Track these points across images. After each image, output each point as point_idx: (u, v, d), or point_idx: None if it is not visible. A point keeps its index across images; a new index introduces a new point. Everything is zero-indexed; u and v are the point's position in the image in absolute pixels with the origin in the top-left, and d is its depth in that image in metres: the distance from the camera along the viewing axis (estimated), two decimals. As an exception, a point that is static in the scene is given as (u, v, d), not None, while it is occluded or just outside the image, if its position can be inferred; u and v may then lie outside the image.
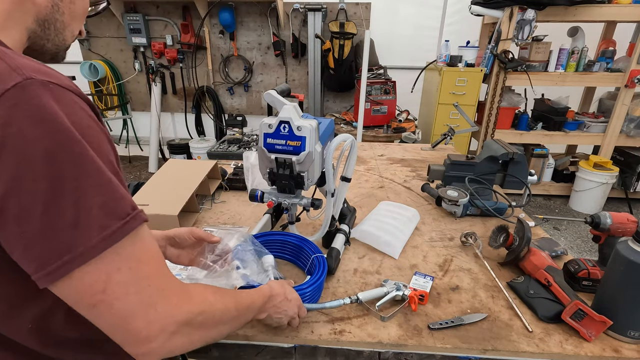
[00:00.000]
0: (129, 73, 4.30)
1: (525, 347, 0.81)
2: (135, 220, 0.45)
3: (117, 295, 0.44)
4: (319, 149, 0.90)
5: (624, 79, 3.19)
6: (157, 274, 0.48)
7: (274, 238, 1.07)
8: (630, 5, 3.02)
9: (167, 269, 0.51)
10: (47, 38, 0.54)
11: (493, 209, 1.33)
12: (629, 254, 0.78)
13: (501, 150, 1.37)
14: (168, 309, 0.47)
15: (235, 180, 1.60)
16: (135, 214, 0.46)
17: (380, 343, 0.83)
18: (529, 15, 3.00)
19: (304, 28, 3.89)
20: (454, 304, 0.94)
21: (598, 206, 3.46)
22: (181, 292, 0.51)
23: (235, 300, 0.62)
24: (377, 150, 2.23)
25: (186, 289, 0.52)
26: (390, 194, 1.58)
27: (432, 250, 1.18)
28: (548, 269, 0.96)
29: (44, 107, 0.39)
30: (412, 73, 3.72)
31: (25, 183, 0.39)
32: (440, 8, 3.85)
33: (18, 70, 0.40)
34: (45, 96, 0.40)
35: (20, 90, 0.39)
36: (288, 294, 0.77)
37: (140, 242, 0.47)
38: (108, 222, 0.42)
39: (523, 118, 3.50)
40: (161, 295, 0.47)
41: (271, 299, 0.73)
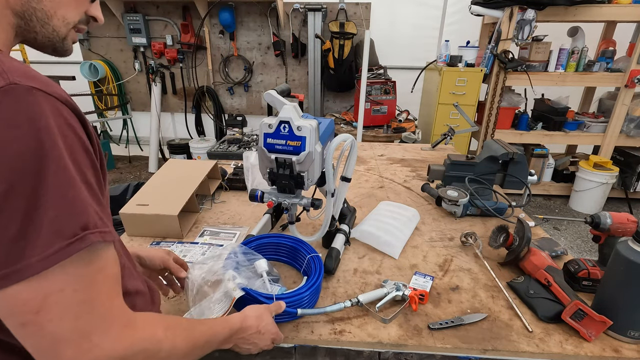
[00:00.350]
0: (129, 73, 4.30)
1: (525, 347, 0.81)
2: (83, 241, 0.41)
3: (50, 317, 0.40)
4: (319, 149, 0.90)
5: (624, 79, 3.19)
6: (104, 298, 0.45)
7: (267, 241, 1.07)
8: (630, 5, 3.02)
9: (119, 296, 0.47)
10: (34, 30, 0.51)
11: (493, 209, 1.33)
12: (629, 254, 0.78)
13: (501, 150, 1.37)
14: (104, 342, 0.43)
15: (235, 180, 1.60)
16: (84, 235, 0.41)
17: (380, 343, 0.83)
18: (529, 15, 3.00)
19: (304, 28, 3.89)
20: (454, 304, 0.94)
21: (598, 206, 3.46)
22: (125, 324, 0.46)
23: (191, 336, 0.57)
24: (377, 150, 2.23)
25: (132, 321, 0.47)
26: (390, 194, 1.58)
27: (432, 250, 1.18)
28: (548, 269, 0.96)
29: (20, 112, 0.39)
30: (412, 73, 3.72)
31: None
32: (440, 8, 3.85)
33: (4, 74, 0.40)
34: (25, 101, 0.40)
35: (2, 94, 0.39)
36: (263, 327, 0.72)
37: (96, 263, 0.44)
38: (53, 240, 0.39)
39: (523, 118, 3.50)
40: (101, 325, 0.43)
41: (240, 332, 0.69)
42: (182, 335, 0.55)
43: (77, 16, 0.55)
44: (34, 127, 0.39)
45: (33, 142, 0.39)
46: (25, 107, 0.39)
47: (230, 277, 0.85)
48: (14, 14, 0.49)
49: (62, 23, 0.53)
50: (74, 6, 0.54)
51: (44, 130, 0.40)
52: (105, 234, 0.45)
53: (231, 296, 0.81)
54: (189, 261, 1.09)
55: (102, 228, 0.44)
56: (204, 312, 0.81)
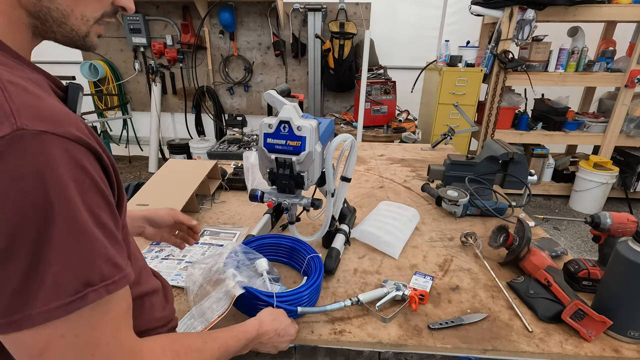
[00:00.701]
0: (129, 73, 4.30)
1: (525, 347, 0.81)
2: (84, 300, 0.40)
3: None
4: (319, 149, 0.90)
5: (624, 79, 3.19)
6: (109, 337, 0.44)
7: (267, 241, 1.07)
8: (630, 5, 3.02)
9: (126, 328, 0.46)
10: (51, 30, 0.47)
11: (493, 209, 1.33)
12: (629, 254, 0.78)
13: (501, 150, 1.37)
14: None
15: (235, 180, 1.60)
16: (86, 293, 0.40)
17: (380, 343, 0.83)
18: (529, 15, 3.00)
19: (304, 28, 3.89)
20: (454, 304, 0.94)
21: (598, 206, 3.46)
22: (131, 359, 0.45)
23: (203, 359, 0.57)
24: (377, 150, 2.23)
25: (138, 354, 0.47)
26: (390, 194, 1.58)
27: (432, 250, 1.18)
28: (548, 269, 0.96)
29: (26, 162, 0.36)
30: (412, 73, 3.72)
31: None
32: (440, 8, 3.85)
33: (12, 117, 0.36)
34: (32, 150, 0.37)
35: (8, 142, 0.36)
36: (282, 330, 0.73)
37: (101, 308, 0.42)
38: (54, 297, 0.38)
39: (523, 118, 3.50)
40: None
41: (257, 338, 0.69)
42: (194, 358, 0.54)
43: (99, 10, 0.50)
44: (40, 178, 0.37)
45: (38, 195, 0.37)
46: (32, 156, 0.36)
47: (231, 275, 0.85)
48: (27, 14, 0.45)
49: (81, 21, 0.48)
50: (93, 1, 0.49)
51: (51, 181, 0.37)
52: (115, 284, 0.43)
53: (231, 294, 0.81)
54: (188, 261, 1.10)
55: (111, 277, 0.42)
56: (205, 312, 0.81)
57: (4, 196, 0.36)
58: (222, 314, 0.79)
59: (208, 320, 0.79)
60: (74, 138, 0.40)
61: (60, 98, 0.49)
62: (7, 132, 0.36)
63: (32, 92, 0.40)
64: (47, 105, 0.40)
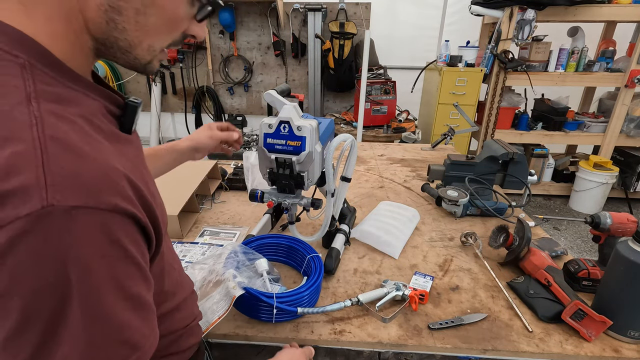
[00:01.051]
0: (129, 73, 4.30)
1: (525, 347, 0.81)
2: None
3: None
4: (319, 149, 0.90)
5: (624, 79, 3.19)
6: None
7: (267, 241, 1.07)
8: (630, 5, 3.02)
9: None
10: (113, 55, 0.46)
11: (493, 209, 1.33)
12: (629, 254, 0.78)
13: (501, 150, 1.37)
14: None
15: (235, 180, 1.60)
16: None
17: (380, 343, 0.83)
18: (529, 15, 3.00)
19: (304, 28, 3.89)
20: (454, 304, 0.94)
21: (598, 206, 3.46)
22: None
23: None
24: (377, 150, 2.23)
25: None
26: (390, 194, 1.58)
27: (432, 250, 1.18)
28: (548, 269, 0.96)
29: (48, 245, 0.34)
30: (412, 73, 3.72)
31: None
32: (440, 8, 3.85)
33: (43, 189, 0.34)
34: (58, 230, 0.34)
35: (35, 220, 0.33)
36: None
37: None
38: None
39: (523, 118, 3.50)
40: None
41: None
42: None
43: (168, 41, 0.49)
44: (62, 261, 0.35)
45: (58, 277, 0.35)
46: (58, 237, 0.34)
47: (231, 276, 0.85)
48: (93, 39, 0.44)
49: (147, 51, 0.47)
50: (165, 33, 0.47)
51: (73, 262, 0.35)
52: None
53: (231, 295, 0.81)
54: (188, 261, 1.10)
55: None
56: (206, 313, 0.81)
57: (22, 276, 0.34)
58: (222, 315, 0.79)
59: (209, 321, 0.79)
60: (110, 208, 0.38)
61: (116, 117, 0.48)
62: (35, 208, 0.33)
63: (76, 147, 0.37)
64: (88, 166, 0.37)
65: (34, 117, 0.36)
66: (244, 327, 0.86)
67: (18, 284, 0.34)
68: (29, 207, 0.33)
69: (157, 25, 0.45)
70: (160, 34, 0.47)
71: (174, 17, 0.47)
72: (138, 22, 0.44)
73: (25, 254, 0.33)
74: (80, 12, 0.41)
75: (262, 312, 0.85)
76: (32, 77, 0.38)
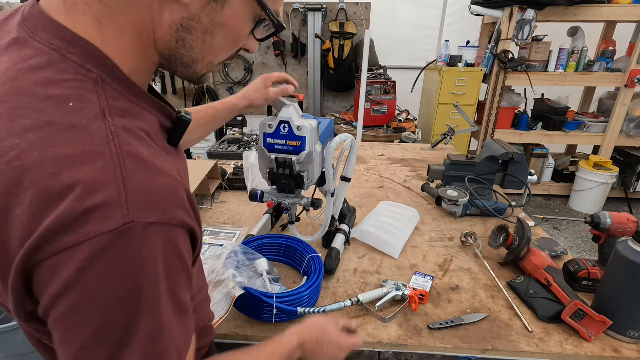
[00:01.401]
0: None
1: (525, 347, 0.81)
2: None
3: None
4: (319, 149, 0.90)
5: (624, 79, 3.19)
6: None
7: (267, 241, 1.07)
8: (630, 5, 3.02)
9: None
10: (174, 69, 0.48)
11: (493, 209, 1.33)
12: (629, 254, 0.78)
13: (501, 150, 1.37)
14: None
15: (235, 180, 1.60)
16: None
17: (380, 343, 0.83)
18: (529, 15, 3.00)
19: (304, 28, 3.89)
20: (454, 304, 0.94)
21: (598, 206, 3.46)
22: None
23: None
24: (377, 150, 2.23)
25: None
26: (390, 194, 1.58)
27: (432, 250, 1.18)
28: (548, 269, 0.96)
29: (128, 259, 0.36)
30: (412, 73, 3.72)
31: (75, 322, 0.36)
32: (440, 8, 3.85)
33: (125, 207, 0.35)
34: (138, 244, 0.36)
35: (117, 236, 0.35)
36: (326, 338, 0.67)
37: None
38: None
39: (523, 118, 3.50)
40: None
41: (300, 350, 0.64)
42: None
43: (226, 57, 0.50)
44: (139, 275, 0.37)
45: (134, 290, 0.37)
46: (137, 251, 0.36)
47: (231, 276, 0.85)
48: (159, 55, 0.45)
49: (207, 66, 0.49)
50: (226, 51, 0.49)
51: (148, 276, 0.37)
52: None
53: (232, 295, 0.81)
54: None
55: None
56: None
57: (102, 289, 0.35)
58: (223, 316, 0.79)
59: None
60: (177, 223, 0.39)
61: (167, 130, 0.48)
62: (117, 225, 0.34)
63: (149, 162, 0.39)
64: (160, 182, 0.39)
65: (111, 133, 0.37)
66: (244, 327, 0.86)
67: (98, 297, 0.35)
68: (112, 224, 0.34)
69: (221, 44, 0.47)
70: (222, 51, 0.48)
71: (238, 37, 0.49)
72: (205, 42, 0.45)
73: (106, 267, 0.35)
74: (153, 29, 0.42)
75: (262, 312, 0.85)
76: (105, 92, 0.39)
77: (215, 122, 0.96)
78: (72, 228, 0.33)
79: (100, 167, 0.35)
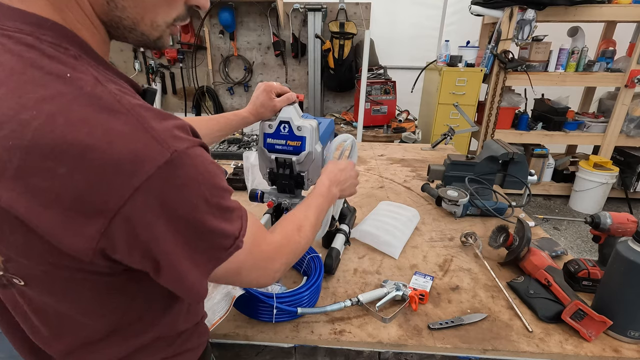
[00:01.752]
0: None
1: (525, 347, 0.81)
2: (227, 251, 0.49)
3: None
4: (319, 149, 0.90)
5: (624, 79, 3.19)
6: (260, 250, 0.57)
7: None
8: (630, 5, 3.02)
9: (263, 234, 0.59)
10: (123, 36, 0.49)
11: (493, 209, 1.33)
12: (629, 254, 0.78)
13: (501, 150, 1.37)
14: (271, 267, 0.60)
15: (235, 180, 1.60)
16: (230, 246, 0.49)
17: (380, 343, 0.83)
18: (529, 15, 3.00)
19: (304, 28, 3.89)
20: (454, 304, 0.94)
21: (598, 206, 3.46)
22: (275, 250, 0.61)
23: (311, 220, 0.72)
24: (377, 150, 2.23)
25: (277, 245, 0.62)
26: (390, 194, 1.58)
27: (432, 250, 1.18)
28: (548, 269, 0.96)
29: (186, 176, 0.42)
30: (412, 73, 3.72)
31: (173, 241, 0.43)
32: (440, 8, 3.85)
33: (164, 143, 0.40)
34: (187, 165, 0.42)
35: (169, 165, 0.40)
36: (340, 166, 0.89)
37: None
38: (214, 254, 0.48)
39: (523, 118, 3.50)
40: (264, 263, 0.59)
41: (333, 182, 0.84)
42: (307, 228, 0.70)
43: (171, 16, 0.50)
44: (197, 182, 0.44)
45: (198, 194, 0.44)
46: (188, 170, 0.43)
47: None
48: (103, 23, 0.47)
49: (152, 27, 0.49)
50: (165, 8, 0.49)
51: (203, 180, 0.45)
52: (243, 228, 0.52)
53: (231, 295, 0.81)
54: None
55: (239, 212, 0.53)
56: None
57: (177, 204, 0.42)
58: (223, 316, 0.79)
59: (209, 321, 0.79)
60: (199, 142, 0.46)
61: None
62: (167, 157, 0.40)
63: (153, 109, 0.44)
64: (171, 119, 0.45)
65: (114, 94, 0.41)
66: (244, 327, 0.86)
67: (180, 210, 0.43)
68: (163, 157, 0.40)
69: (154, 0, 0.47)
70: (159, 7, 0.48)
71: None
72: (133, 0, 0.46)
73: (174, 190, 0.41)
74: None
75: (262, 312, 0.85)
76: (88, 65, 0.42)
77: (225, 129, 0.97)
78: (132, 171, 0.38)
79: (125, 122, 0.39)
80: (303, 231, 0.68)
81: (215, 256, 0.48)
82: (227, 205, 0.49)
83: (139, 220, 0.40)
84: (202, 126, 0.93)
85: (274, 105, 0.93)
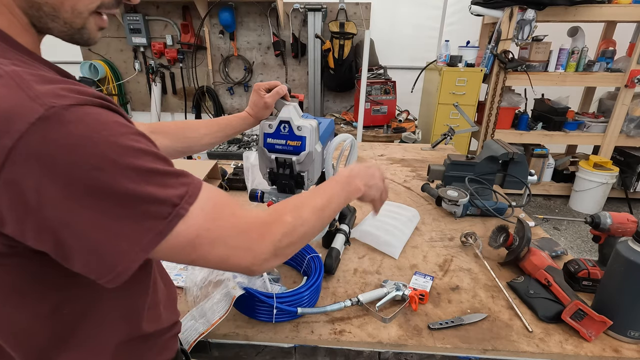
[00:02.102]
0: (129, 73, 4.30)
1: (525, 347, 0.81)
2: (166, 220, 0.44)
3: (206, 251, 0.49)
4: (319, 149, 0.90)
5: (624, 79, 3.19)
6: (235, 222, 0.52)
7: None
8: (630, 5, 3.02)
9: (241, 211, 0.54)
10: (47, 26, 0.47)
11: (493, 209, 1.33)
12: (629, 254, 0.78)
13: (501, 150, 1.37)
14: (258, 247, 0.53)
15: (235, 180, 1.60)
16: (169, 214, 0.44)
17: (380, 343, 0.83)
18: (529, 15, 3.00)
19: (304, 28, 3.89)
20: (454, 304, 0.94)
21: (598, 206, 3.46)
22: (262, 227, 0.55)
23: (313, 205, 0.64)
24: (377, 150, 2.23)
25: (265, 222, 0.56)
26: (390, 194, 1.58)
27: (432, 250, 1.18)
28: (548, 269, 0.96)
29: (72, 134, 0.38)
30: (412, 73, 3.72)
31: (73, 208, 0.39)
32: (440, 8, 3.85)
33: (38, 99, 0.38)
34: (73, 122, 0.39)
35: (45, 122, 0.37)
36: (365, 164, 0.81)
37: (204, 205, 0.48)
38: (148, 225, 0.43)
39: (523, 118, 3.50)
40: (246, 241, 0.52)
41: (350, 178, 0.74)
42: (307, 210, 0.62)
43: (94, 2, 0.48)
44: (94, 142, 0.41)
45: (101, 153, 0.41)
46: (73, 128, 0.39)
47: (231, 276, 0.85)
48: (23, 12, 0.45)
49: (73, 14, 0.47)
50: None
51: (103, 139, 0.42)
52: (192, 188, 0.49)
53: (231, 295, 0.81)
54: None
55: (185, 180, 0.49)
56: (205, 313, 0.81)
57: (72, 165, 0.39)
58: (222, 316, 0.79)
59: (209, 321, 0.79)
60: (96, 102, 0.43)
61: None
62: (40, 112, 0.37)
63: (42, 75, 0.41)
64: (64, 85, 0.42)
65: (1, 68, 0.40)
66: (244, 327, 0.86)
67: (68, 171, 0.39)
68: (36, 113, 0.37)
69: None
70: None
71: None
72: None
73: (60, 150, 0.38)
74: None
75: (262, 312, 0.85)
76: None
77: (226, 129, 0.97)
78: (3, 131, 0.36)
79: (1, 84, 0.38)
80: (300, 212, 0.60)
81: (151, 227, 0.43)
82: (152, 168, 0.43)
83: (24, 184, 0.37)
84: (201, 126, 0.94)
85: (264, 102, 0.94)
